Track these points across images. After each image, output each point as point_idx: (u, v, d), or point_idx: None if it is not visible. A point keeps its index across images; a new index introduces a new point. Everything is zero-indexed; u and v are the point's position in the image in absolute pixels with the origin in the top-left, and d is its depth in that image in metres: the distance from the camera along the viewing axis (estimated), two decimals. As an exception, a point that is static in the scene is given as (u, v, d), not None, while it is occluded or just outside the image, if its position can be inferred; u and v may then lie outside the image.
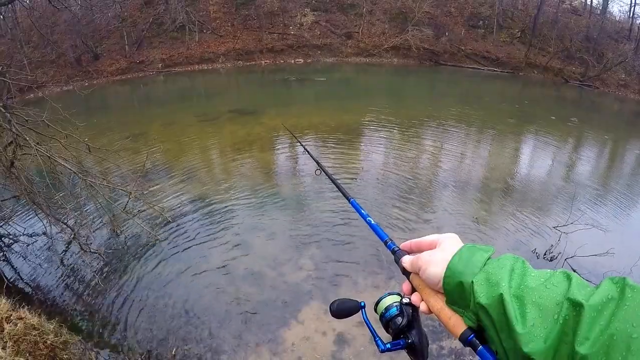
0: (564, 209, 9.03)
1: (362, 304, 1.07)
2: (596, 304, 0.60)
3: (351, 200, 1.56)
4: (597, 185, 11.47)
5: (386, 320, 0.97)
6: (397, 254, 1.02)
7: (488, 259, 0.79)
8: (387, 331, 0.98)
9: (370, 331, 1.03)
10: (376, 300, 1.02)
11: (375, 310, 1.01)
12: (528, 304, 0.67)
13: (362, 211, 1.37)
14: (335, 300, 1.06)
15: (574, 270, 6.78)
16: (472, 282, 0.75)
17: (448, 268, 0.80)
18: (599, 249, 7.22)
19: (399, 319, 0.95)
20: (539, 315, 0.65)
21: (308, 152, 2.84)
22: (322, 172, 2.23)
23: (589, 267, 7.11)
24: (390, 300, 0.99)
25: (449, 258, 0.82)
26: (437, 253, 0.86)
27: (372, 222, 1.28)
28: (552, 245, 7.72)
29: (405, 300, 0.97)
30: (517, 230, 8.35)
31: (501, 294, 0.69)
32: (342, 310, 1.06)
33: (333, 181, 1.85)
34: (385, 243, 1.13)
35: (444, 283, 0.81)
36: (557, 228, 8.31)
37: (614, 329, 0.57)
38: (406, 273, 0.96)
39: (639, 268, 6.84)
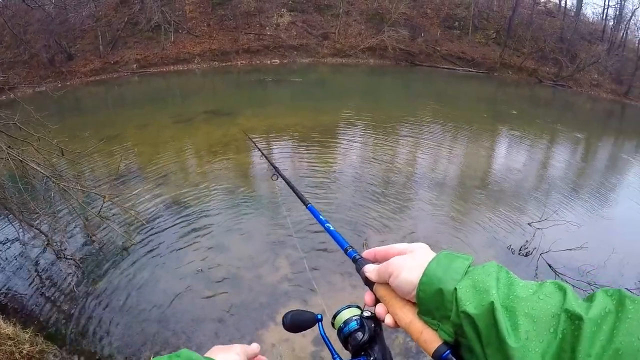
0: (538, 206, 9.34)
1: (319, 316, 0.97)
2: (595, 317, 0.57)
3: (309, 205, 1.49)
4: (571, 182, 11.85)
5: (345, 336, 0.90)
6: (358, 262, 0.94)
7: (469, 267, 0.73)
8: (346, 347, 0.91)
9: (328, 347, 0.95)
10: (334, 313, 0.95)
11: (333, 324, 0.94)
12: (520, 315, 0.62)
13: (320, 217, 1.29)
14: (288, 312, 0.97)
15: (549, 265, 7.11)
16: (456, 288, 0.68)
17: (425, 274, 0.73)
18: (573, 243, 7.47)
19: (359, 334, 0.88)
20: (532, 327, 0.60)
21: (266, 157, 2.86)
22: (279, 177, 2.20)
23: (564, 261, 7.38)
24: (350, 313, 0.92)
25: (425, 264, 0.75)
26: (411, 259, 0.79)
27: (331, 228, 1.18)
28: (527, 241, 7.94)
29: (366, 314, 0.91)
30: (492, 227, 8.58)
31: (492, 302, 0.64)
32: (297, 322, 0.96)
33: (290, 186, 1.80)
34: (346, 251, 1.03)
35: (419, 290, 0.73)
36: (532, 224, 8.56)
37: (618, 343, 0.53)
38: (369, 283, 0.87)
39: (613, 262, 7.15)
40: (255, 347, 0.95)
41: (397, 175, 11.00)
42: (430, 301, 0.71)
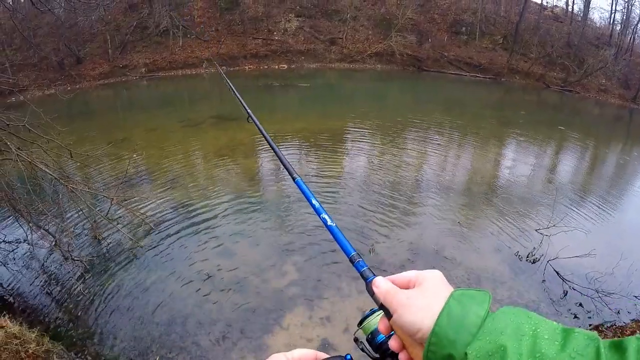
0: (546, 212, 9.21)
1: (348, 357, 0.81)
2: None
3: (297, 179, 1.32)
4: (578, 188, 11.74)
5: (375, 345, 0.83)
6: (369, 281, 0.81)
7: (486, 313, 0.61)
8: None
9: None
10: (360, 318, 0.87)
11: (361, 324, 0.87)
12: None
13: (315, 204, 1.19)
14: None
15: (557, 273, 7.00)
16: (466, 354, 0.57)
17: (434, 333, 0.61)
18: (580, 250, 7.36)
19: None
20: None
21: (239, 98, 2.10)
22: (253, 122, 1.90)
23: (571, 268, 7.27)
24: (375, 323, 0.83)
25: (435, 309, 0.64)
26: (418, 296, 0.68)
27: (329, 224, 1.09)
28: (534, 247, 7.86)
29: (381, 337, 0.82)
30: (499, 233, 8.49)
31: None
32: None
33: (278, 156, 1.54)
34: (352, 260, 0.91)
35: (427, 351, 0.61)
36: (539, 231, 8.47)
37: None
38: (385, 309, 0.74)
39: (621, 268, 7.05)
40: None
41: (404, 181, 10.95)
42: None
